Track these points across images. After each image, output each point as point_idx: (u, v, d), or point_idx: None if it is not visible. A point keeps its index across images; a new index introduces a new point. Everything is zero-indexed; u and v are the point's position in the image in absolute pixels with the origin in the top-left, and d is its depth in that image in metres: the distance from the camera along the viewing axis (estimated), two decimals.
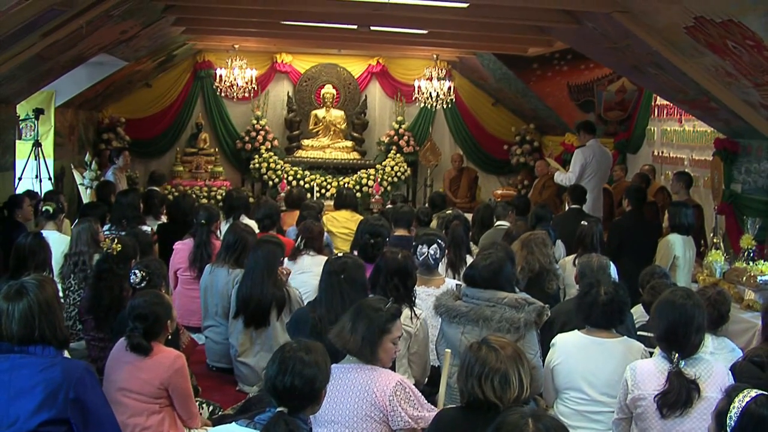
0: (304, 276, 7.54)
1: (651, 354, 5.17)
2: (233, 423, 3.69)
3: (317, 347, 3.75)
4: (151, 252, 7.91)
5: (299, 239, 7.94)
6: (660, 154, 12.97)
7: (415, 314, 5.85)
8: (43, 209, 8.78)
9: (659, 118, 13.11)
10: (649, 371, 4.69)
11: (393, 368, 4.94)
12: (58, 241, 7.91)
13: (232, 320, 7.02)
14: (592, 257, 6.90)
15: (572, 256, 7.94)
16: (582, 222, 7.98)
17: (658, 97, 12.73)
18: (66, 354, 4.73)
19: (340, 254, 6.13)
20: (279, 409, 3.49)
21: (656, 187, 11.90)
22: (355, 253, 7.52)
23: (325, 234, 8.74)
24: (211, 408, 6.18)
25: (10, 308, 4.05)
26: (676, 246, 8.57)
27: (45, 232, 7.59)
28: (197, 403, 5.74)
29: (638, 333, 5.87)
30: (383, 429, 4.39)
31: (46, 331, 4.07)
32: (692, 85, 8.53)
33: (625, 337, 5.45)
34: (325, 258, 6.31)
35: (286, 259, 7.46)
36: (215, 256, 7.87)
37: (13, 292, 4.10)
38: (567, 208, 11.09)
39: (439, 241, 6.84)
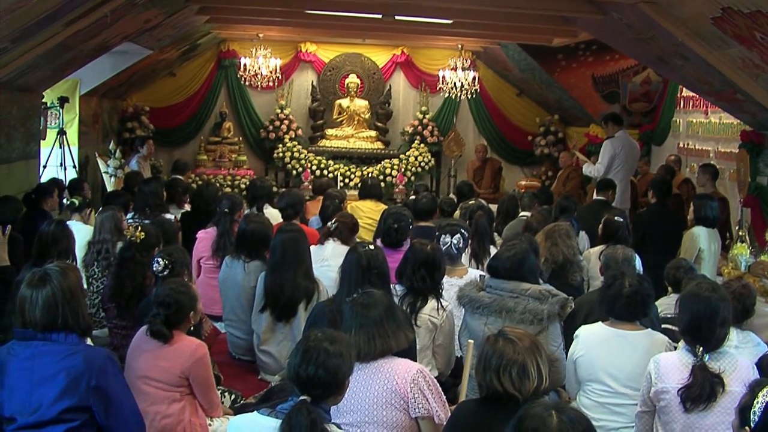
0: (324, 268, 7.50)
1: (675, 347, 5.14)
2: (255, 412, 3.68)
3: (342, 338, 3.75)
4: (176, 241, 7.92)
5: (333, 221, 7.92)
6: (685, 146, 12.90)
7: (442, 306, 5.84)
8: (69, 202, 8.81)
9: (685, 109, 13.04)
10: (673, 364, 4.66)
11: (415, 359, 4.92)
12: (82, 231, 7.93)
13: (257, 311, 7.02)
14: (617, 249, 6.86)
15: (597, 248, 7.88)
16: (615, 217, 7.91)
17: (684, 89, 12.65)
18: (89, 341, 4.74)
19: (363, 243, 6.10)
20: (302, 397, 3.48)
21: (681, 179, 11.84)
22: (378, 241, 7.51)
23: None
24: (233, 396, 6.18)
25: (34, 295, 4.05)
26: (701, 239, 8.51)
27: (69, 222, 7.61)
28: (219, 392, 5.75)
29: (663, 326, 5.83)
30: (403, 417, 4.38)
31: (69, 318, 4.07)
32: (718, 76, 8.46)
33: (649, 329, 5.41)
34: (346, 249, 6.28)
35: (312, 247, 7.42)
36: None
37: (37, 279, 4.11)
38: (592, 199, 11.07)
39: (462, 231, 6.82)
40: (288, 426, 3.40)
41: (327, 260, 7.56)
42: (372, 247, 5.84)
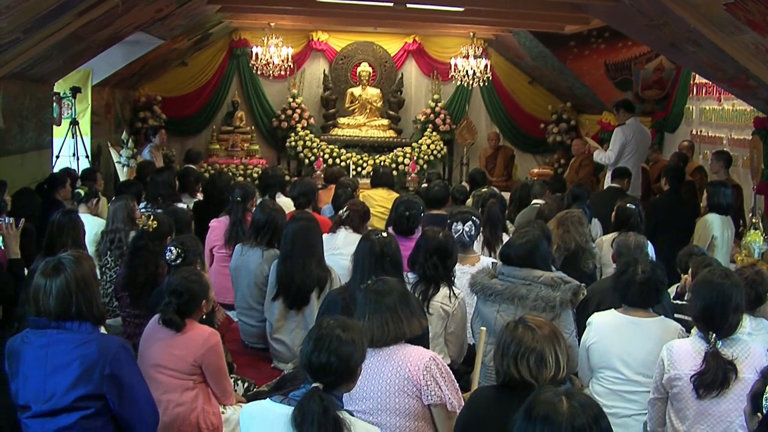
0: (336, 257, 7.50)
1: (688, 335, 5.13)
2: (267, 399, 3.69)
3: (354, 325, 3.76)
4: (189, 230, 7.93)
5: (345, 209, 7.93)
6: (698, 133, 12.84)
7: (454, 294, 5.84)
8: (75, 191, 8.83)
9: (697, 96, 12.98)
10: (686, 351, 4.65)
11: (427, 347, 4.93)
12: (90, 223, 7.93)
13: (270, 299, 7.03)
14: (629, 236, 6.85)
15: (610, 235, 7.87)
16: (628, 204, 7.88)
17: (697, 76, 12.60)
18: (102, 330, 4.75)
19: (376, 231, 6.10)
20: (314, 385, 3.49)
21: (694, 166, 11.80)
22: (390, 229, 7.51)
23: None
24: (246, 385, 6.21)
25: (48, 284, 4.07)
26: (714, 226, 8.49)
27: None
28: (232, 380, 5.78)
29: (675, 316, 5.82)
30: (416, 404, 4.39)
31: (82, 307, 4.09)
32: (731, 63, 8.42)
33: (662, 316, 5.41)
34: (358, 237, 6.28)
35: (324, 235, 7.42)
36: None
37: (51, 268, 4.12)
38: (605, 186, 11.05)
39: (474, 219, 6.83)
40: (300, 413, 3.42)
41: (339, 249, 7.57)
42: (385, 234, 5.85)
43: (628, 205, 7.89)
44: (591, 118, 16.36)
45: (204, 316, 5.54)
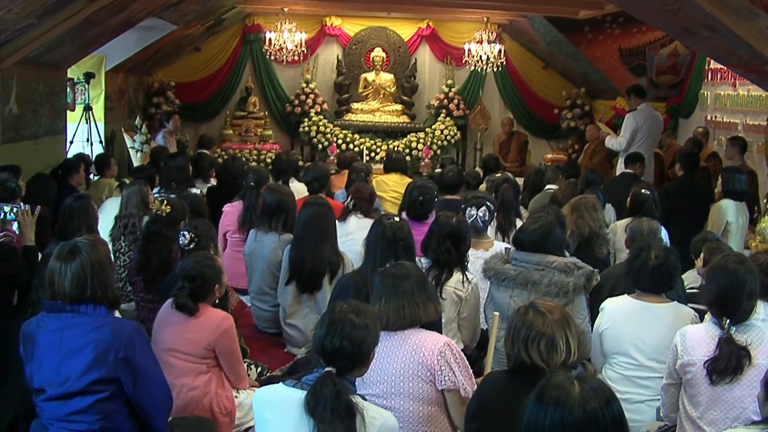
0: (349, 242, 7.51)
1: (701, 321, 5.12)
2: (280, 383, 3.70)
3: (367, 309, 3.75)
4: (203, 215, 7.93)
5: (349, 199, 7.93)
6: (713, 118, 12.81)
7: (467, 278, 5.83)
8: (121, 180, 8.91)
9: (712, 82, 12.95)
10: (700, 337, 4.64)
11: (440, 332, 4.93)
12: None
13: (283, 284, 7.04)
14: (642, 221, 6.84)
15: (624, 221, 7.85)
16: (643, 190, 7.86)
17: (712, 61, 12.55)
18: (116, 314, 4.77)
19: (388, 216, 6.10)
20: (327, 369, 3.50)
21: (708, 152, 11.77)
22: (403, 214, 7.51)
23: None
24: (259, 369, 6.23)
25: (63, 268, 4.08)
26: (729, 211, 8.47)
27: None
28: (245, 365, 5.79)
29: (688, 305, 5.80)
30: (429, 389, 4.39)
31: (97, 290, 4.11)
32: (746, 48, 8.37)
33: (675, 302, 5.40)
34: (371, 222, 6.28)
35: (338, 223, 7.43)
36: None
37: (66, 252, 4.14)
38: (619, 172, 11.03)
39: (488, 204, 6.81)
40: (313, 397, 3.43)
41: (351, 234, 7.59)
42: (397, 219, 5.85)
43: (642, 190, 7.87)
44: (605, 103, 16.33)
45: (217, 301, 5.55)
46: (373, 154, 16.30)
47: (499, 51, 15.35)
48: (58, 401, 4.14)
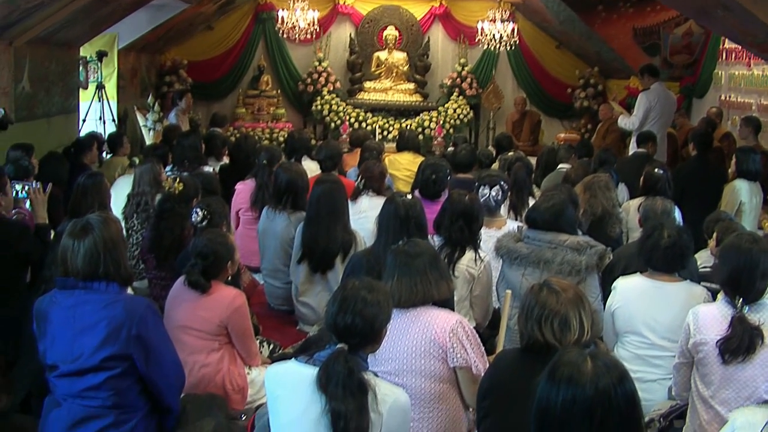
0: (362, 220, 7.50)
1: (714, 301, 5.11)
2: (292, 360, 3.70)
3: (380, 286, 3.74)
4: (216, 193, 7.93)
5: (359, 179, 7.93)
6: (727, 98, 12.74)
7: (479, 257, 5.82)
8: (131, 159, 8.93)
9: (727, 62, 12.86)
10: (712, 316, 4.62)
11: (453, 310, 4.93)
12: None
13: (295, 263, 7.05)
14: (656, 200, 6.82)
15: (636, 200, 7.83)
16: (656, 169, 7.83)
17: (726, 40, 12.48)
18: (129, 291, 4.79)
19: (400, 193, 6.09)
20: (339, 346, 3.50)
21: (722, 132, 11.71)
22: (416, 192, 7.50)
23: (387, 176, 8.70)
24: (271, 347, 6.23)
25: (76, 245, 4.09)
26: (742, 192, 8.43)
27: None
28: (257, 342, 5.80)
29: (701, 284, 5.78)
30: (441, 367, 4.39)
31: (110, 267, 4.11)
32: (761, 27, 8.31)
33: (688, 281, 5.39)
34: (383, 200, 6.27)
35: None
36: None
37: (79, 229, 4.14)
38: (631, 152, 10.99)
39: (502, 183, 6.79)
40: (325, 374, 3.43)
41: (364, 212, 7.58)
42: (409, 197, 5.85)
43: (656, 170, 7.84)
44: (618, 83, 16.28)
45: (229, 279, 5.56)
46: (385, 133, 16.30)
47: (512, 30, 15.31)
48: (71, 378, 4.15)
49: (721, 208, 8.35)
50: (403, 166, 10.40)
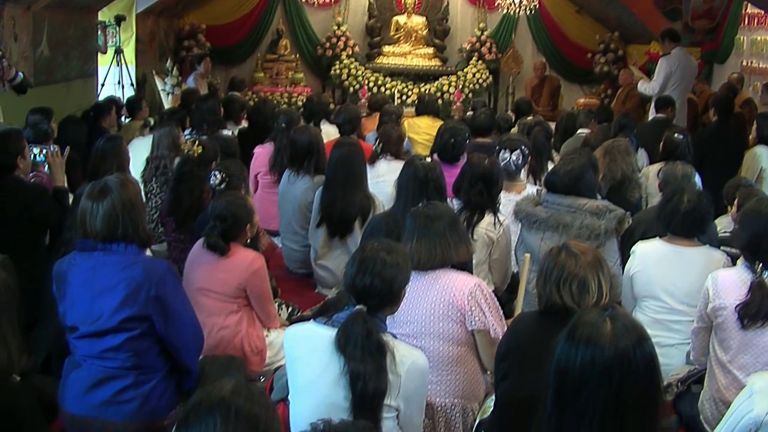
0: (380, 184, 7.50)
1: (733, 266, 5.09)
2: (311, 321, 3.71)
3: (399, 248, 3.74)
4: (235, 157, 7.92)
5: (377, 143, 7.91)
6: (749, 64, 12.64)
7: (499, 220, 5.81)
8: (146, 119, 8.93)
9: (749, 27, 12.75)
10: (731, 281, 4.61)
11: (471, 273, 4.92)
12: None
13: (314, 226, 7.05)
14: (676, 165, 6.79)
15: (656, 165, 7.79)
16: (676, 135, 7.79)
17: (749, 6, 12.36)
18: (148, 253, 4.80)
19: (420, 156, 6.07)
20: (358, 307, 3.50)
21: (743, 98, 11.63)
22: (435, 156, 7.48)
23: (406, 140, 8.68)
24: (290, 309, 6.25)
25: (94, 207, 4.10)
26: (763, 158, 8.40)
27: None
28: (276, 305, 5.82)
29: (721, 249, 5.76)
30: (459, 330, 4.40)
31: (129, 229, 4.12)
32: None
33: (707, 246, 5.37)
34: (401, 164, 6.26)
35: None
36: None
37: (97, 190, 4.15)
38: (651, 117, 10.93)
39: (523, 148, 6.76)
40: (344, 335, 3.44)
41: (382, 176, 7.57)
42: (429, 160, 5.84)
43: (675, 135, 7.80)
44: (639, 48, 16.14)
45: (248, 241, 5.57)
46: (404, 98, 16.23)
47: None
48: (91, 339, 4.18)
49: (741, 174, 8.31)
50: (422, 130, 10.38)
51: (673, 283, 5.24)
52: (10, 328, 3.44)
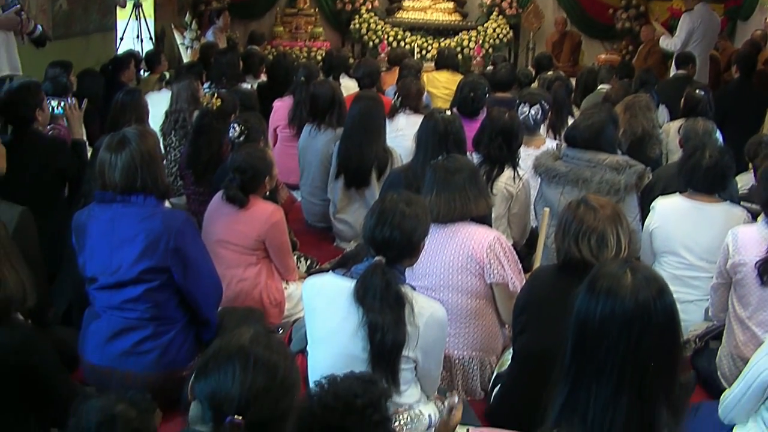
0: (398, 138, 7.48)
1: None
2: (330, 273, 3.72)
3: (418, 200, 3.72)
4: (255, 110, 7.91)
5: (396, 97, 7.88)
6: None
7: (518, 175, 5.79)
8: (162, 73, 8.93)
9: None
10: (752, 237, 4.59)
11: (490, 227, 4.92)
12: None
13: (332, 179, 7.05)
14: (697, 121, 6.74)
15: (677, 122, 7.75)
16: (698, 91, 7.73)
17: None
18: (167, 205, 4.81)
19: (439, 110, 6.04)
20: (377, 258, 3.50)
21: (766, 56, 11.52)
22: (454, 110, 7.45)
23: (425, 94, 8.64)
24: (308, 262, 6.28)
25: (113, 158, 4.11)
26: None
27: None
28: (295, 257, 5.83)
29: (741, 204, 5.73)
30: (478, 282, 4.41)
31: (147, 180, 4.14)
32: None
33: (728, 202, 5.34)
34: (420, 118, 6.24)
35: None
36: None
37: (116, 142, 4.16)
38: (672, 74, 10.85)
39: (542, 102, 6.72)
40: (362, 286, 3.44)
41: (401, 130, 7.55)
42: (448, 113, 5.82)
43: (696, 91, 7.75)
44: (661, 4, 15.99)
45: (267, 194, 5.57)
46: (424, 53, 16.12)
47: None
48: (111, 290, 4.21)
49: (763, 131, 8.25)
50: (441, 84, 10.34)
51: (692, 239, 5.22)
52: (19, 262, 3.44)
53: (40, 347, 3.31)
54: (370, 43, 16.27)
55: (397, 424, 2.87)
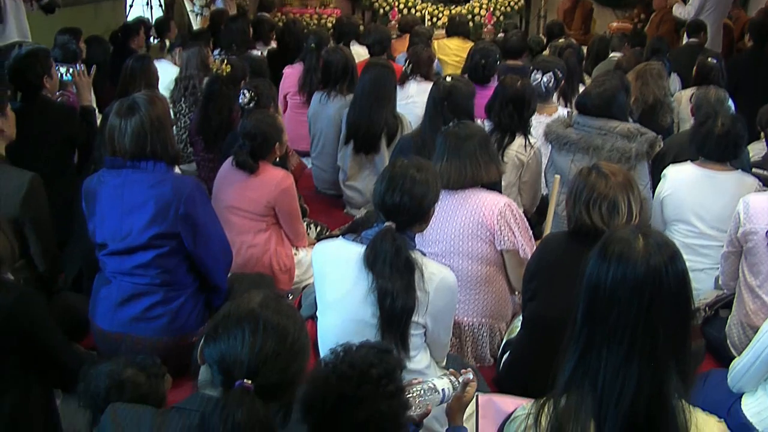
0: (409, 105, 7.46)
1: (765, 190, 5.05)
2: (340, 238, 3.71)
3: (428, 165, 3.69)
4: (265, 77, 7.90)
5: (407, 64, 7.85)
6: None
7: (529, 143, 5.77)
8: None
9: None
10: (763, 206, 4.57)
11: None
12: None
13: (342, 145, 7.04)
14: (709, 89, 6.71)
15: (689, 90, 7.71)
16: (710, 59, 7.69)
17: None
18: (177, 171, 4.80)
19: (448, 77, 6.02)
20: (387, 223, 3.48)
21: None
22: (466, 76, 7.43)
23: (436, 61, 8.61)
24: (318, 228, 6.28)
25: (123, 124, 4.10)
26: None
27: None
28: (305, 224, 5.83)
29: (753, 171, 5.71)
30: (488, 249, 4.40)
31: (157, 146, 4.13)
32: None
33: (740, 170, 5.31)
34: (430, 85, 6.22)
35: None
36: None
37: (125, 108, 4.15)
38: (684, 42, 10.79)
39: (556, 71, 6.70)
40: (373, 251, 3.43)
41: (412, 97, 7.54)
42: (452, 79, 5.81)
43: (709, 59, 7.70)
44: None
45: (277, 160, 5.57)
46: (434, 20, 16.06)
47: None
48: (121, 255, 4.22)
49: None
50: (452, 51, 10.30)
51: (704, 207, 5.20)
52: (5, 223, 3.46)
53: (32, 307, 3.28)
54: (381, 10, 16.20)
55: (410, 395, 2.86)
